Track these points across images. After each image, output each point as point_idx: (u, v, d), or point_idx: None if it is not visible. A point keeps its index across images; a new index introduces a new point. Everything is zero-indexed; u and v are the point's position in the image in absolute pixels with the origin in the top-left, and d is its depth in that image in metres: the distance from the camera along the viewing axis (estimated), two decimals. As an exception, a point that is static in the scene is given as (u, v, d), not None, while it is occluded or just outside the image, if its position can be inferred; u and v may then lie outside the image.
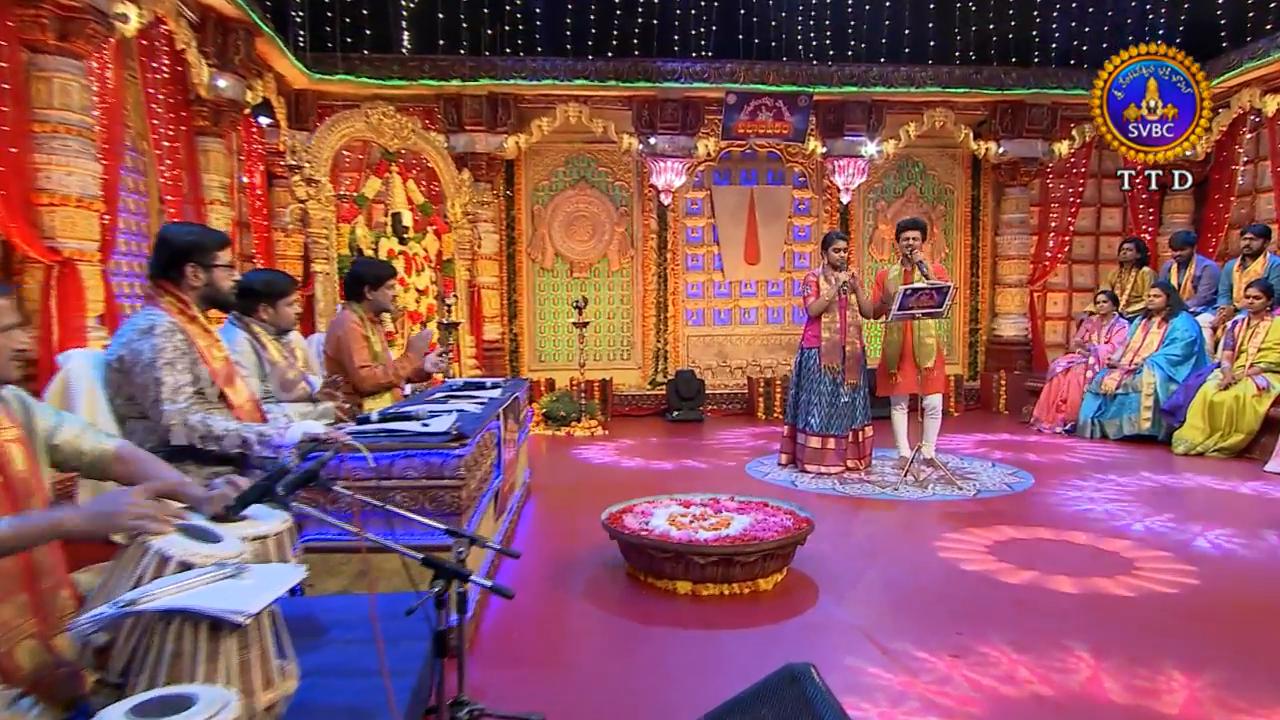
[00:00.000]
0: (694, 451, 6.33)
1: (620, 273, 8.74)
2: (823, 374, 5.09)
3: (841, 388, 5.08)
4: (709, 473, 5.48)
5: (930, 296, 4.74)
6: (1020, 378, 8.40)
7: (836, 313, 5.09)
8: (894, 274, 5.12)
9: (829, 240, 5.12)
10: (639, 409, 8.35)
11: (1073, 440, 6.70)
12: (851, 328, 5.13)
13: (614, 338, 8.78)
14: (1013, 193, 8.72)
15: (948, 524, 4.24)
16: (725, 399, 8.55)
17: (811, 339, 5.17)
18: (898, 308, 4.71)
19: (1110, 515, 4.44)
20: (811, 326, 5.17)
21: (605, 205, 8.61)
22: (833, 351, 5.09)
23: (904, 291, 4.71)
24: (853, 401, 5.13)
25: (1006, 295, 8.88)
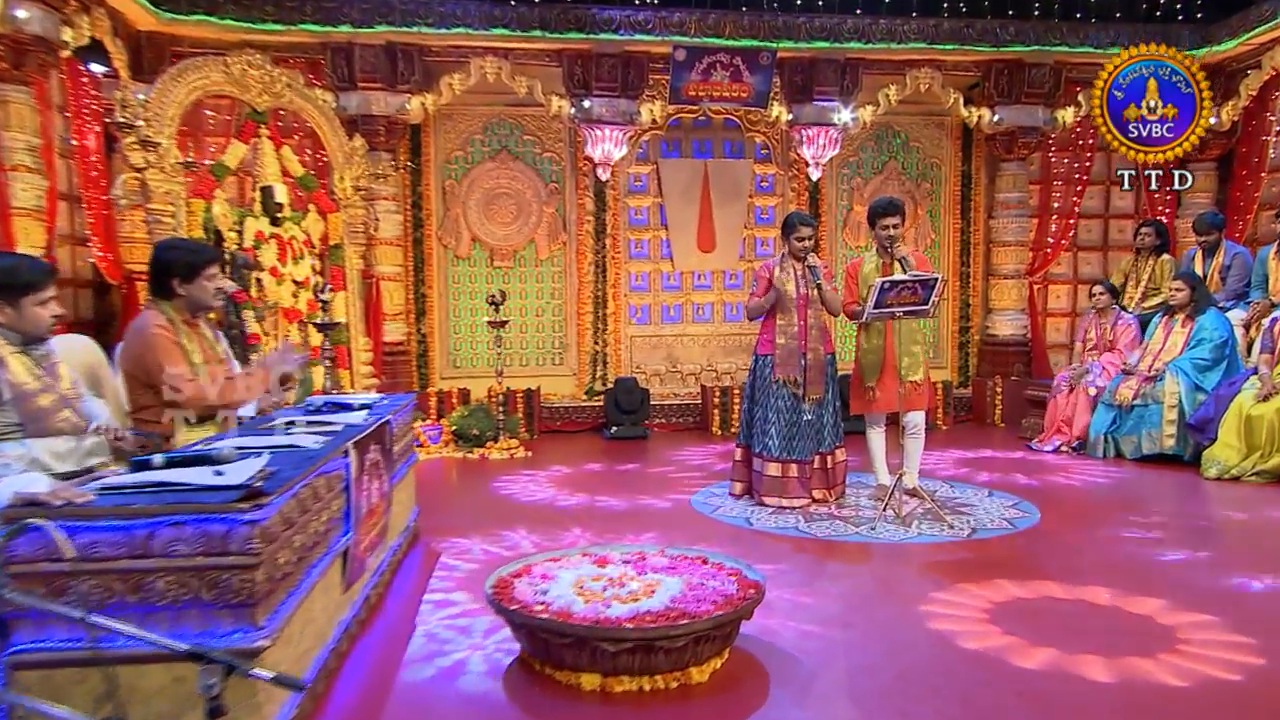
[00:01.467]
0: (631, 478, 6.08)
1: (550, 262, 8.38)
2: (780, 387, 4.81)
3: (803, 403, 4.80)
4: (645, 508, 5.19)
5: (913, 291, 4.44)
6: (1018, 385, 8.19)
7: (794, 312, 4.80)
8: (869, 267, 4.86)
9: (790, 224, 4.82)
10: (573, 423, 8.11)
11: (1082, 461, 6.51)
12: (814, 330, 4.84)
13: (543, 339, 8.43)
14: (1009, 168, 8.53)
15: (937, 577, 3.87)
16: (675, 411, 8.33)
17: (765, 344, 4.90)
18: (874, 305, 4.41)
19: (1136, 562, 4.11)
20: (765, 329, 4.89)
21: (532, 181, 8.26)
22: (789, 360, 4.81)
23: (880, 285, 4.39)
24: (818, 419, 4.86)
25: (1002, 288, 8.69)
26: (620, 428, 7.71)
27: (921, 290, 4.47)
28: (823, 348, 4.88)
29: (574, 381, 8.42)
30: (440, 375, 8.17)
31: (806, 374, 4.81)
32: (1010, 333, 8.66)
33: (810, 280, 4.79)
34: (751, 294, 4.92)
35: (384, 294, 7.50)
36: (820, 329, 4.89)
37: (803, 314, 4.84)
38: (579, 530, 4.61)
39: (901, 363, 4.78)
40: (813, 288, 4.78)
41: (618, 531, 4.60)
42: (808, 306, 4.83)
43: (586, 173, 8.22)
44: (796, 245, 4.82)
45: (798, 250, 4.84)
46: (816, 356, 4.85)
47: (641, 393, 7.89)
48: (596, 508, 5.16)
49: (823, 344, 4.89)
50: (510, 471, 6.33)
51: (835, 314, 4.92)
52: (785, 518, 4.76)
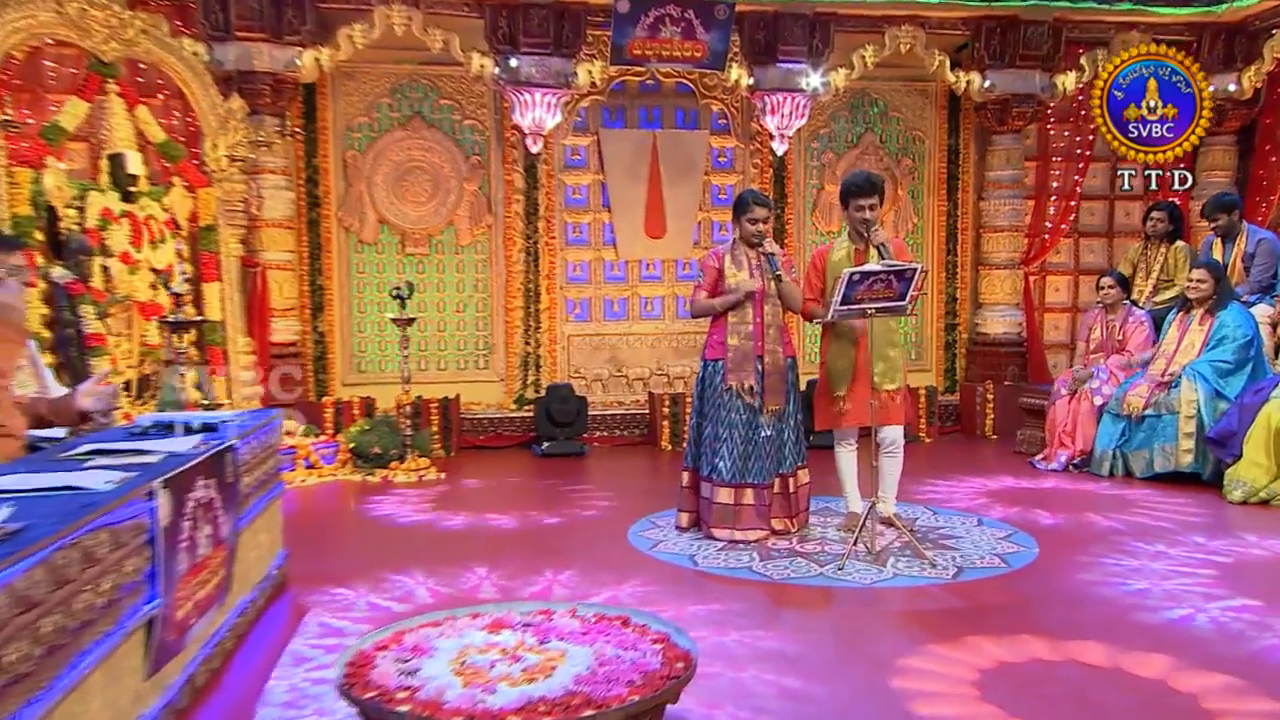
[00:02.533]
0: (560, 504, 5.88)
1: (473, 248, 8.14)
2: (732, 397, 4.64)
3: (760, 416, 4.64)
4: (571, 543, 4.96)
5: (888, 284, 4.23)
6: (1013, 391, 8.11)
7: (748, 308, 4.66)
8: (839, 254, 4.69)
9: (742, 203, 4.67)
10: (499, 437, 7.86)
11: (1086, 480, 6.38)
12: (772, 329, 4.70)
13: (464, 339, 8.18)
14: (1002, 142, 8.43)
15: (914, 634, 3.58)
16: (618, 423, 8.11)
17: (714, 347, 4.74)
18: (840, 301, 4.23)
19: (1152, 613, 3.83)
20: (715, 329, 4.74)
21: (450, 153, 8.02)
22: (742, 365, 4.65)
23: (848, 277, 4.18)
24: (778, 435, 4.71)
25: (994, 280, 8.59)
26: (552, 443, 7.51)
27: (898, 283, 4.26)
28: (782, 350, 4.74)
29: (501, 388, 8.20)
30: (342, 382, 7.86)
31: (764, 381, 4.66)
32: (1003, 331, 8.60)
33: (767, 270, 4.62)
34: (696, 287, 4.77)
35: (271, 286, 7.17)
36: (779, 328, 4.73)
37: (758, 310, 4.68)
38: (485, 571, 4.38)
39: (875, 369, 4.59)
40: (770, 279, 4.62)
41: (534, 571, 4.38)
42: (764, 301, 4.68)
43: (515, 144, 7.98)
44: (750, 229, 4.66)
45: (751, 234, 4.68)
46: (775, 361, 4.70)
47: (578, 402, 7.69)
48: (512, 542, 4.98)
49: (782, 346, 4.74)
50: (417, 497, 6.13)
51: (795, 310, 4.79)
52: (738, 554, 4.58)
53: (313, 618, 3.88)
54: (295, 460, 6.47)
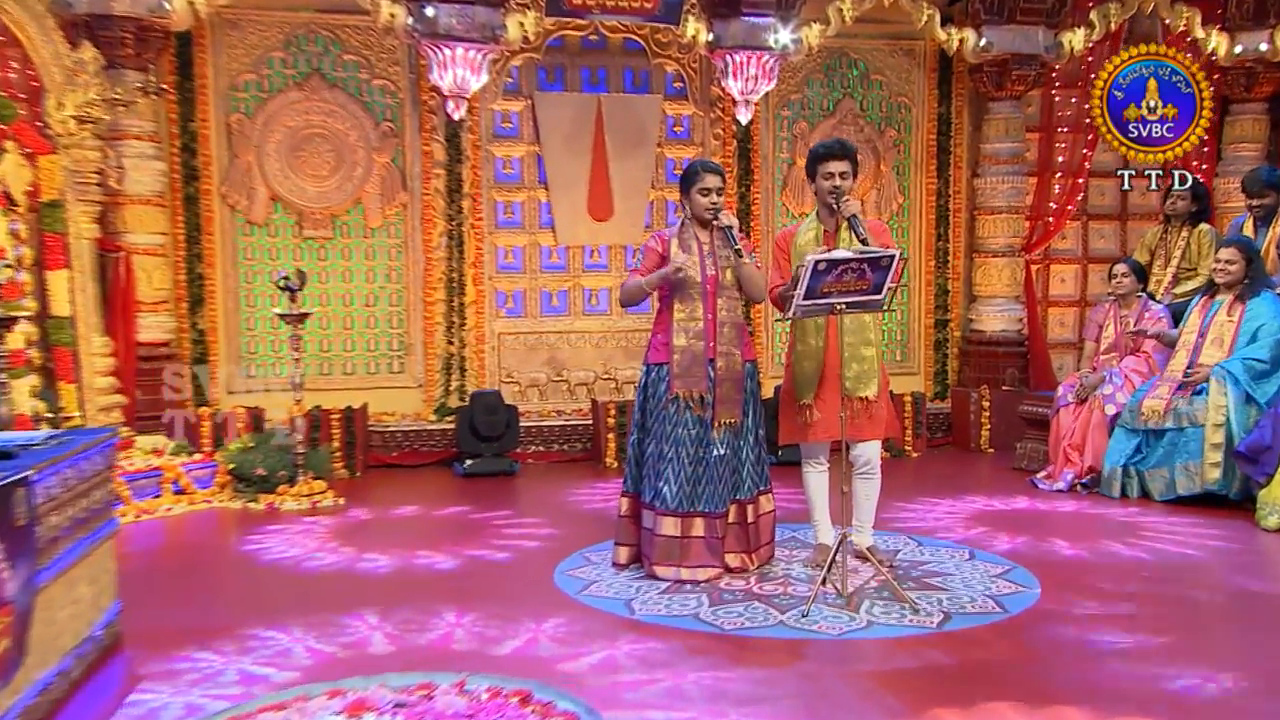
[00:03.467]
0: (479, 535, 5.68)
1: (385, 231, 7.98)
2: (679, 409, 4.52)
3: (712, 431, 4.52)
4: (483, 584, 4.75)
5: (861, 274, 4.09)
6: (1012, 398, 8.07)
7: (698, 300, 4.54)
8: (807, 237, 4.63)
9: (692, 173, 4.57)
10: (416, 454, 7.73)
11: (1096, 503, 6.30)
12: (727, 327, 4.59)
13: (375, 338, 8.02)
14: (1001, 110, 8.40)
15: (888, 703, 3.31)
16: (556, 435, 8.01)
17: (658, 349, 4.65)
18: (803, 294, 4.07)
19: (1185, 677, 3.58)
20: (659, 326, 4.65)
21: (357, 119, 7.84)
22: (691, 370, 4.53)
23: (812, 266, 4.02)
24: (734, 455, 4.61)
25: (991, 269, 8.57)
26: (476, 461, 7.34)
27: (872, 273, 4.11)
28: (739, 352, 4.61)
29: (419, 396, 8.05)
30: (227, 389, 7.62)
31: (716, 390, 4.52)
32: (1001, 328, 8.59)
33: (723, 250, 4.48)
34: (631, 272, 4.68)
35: (138, 274, 6.80)
36: (736, 325, 4.61)
37: (710, 303, 4.54)
38: (377, 620, 4.13)
39: (847, 372, 4.45)
40: (725, 264, 4.49)
41: (432, 617, 4.16)
42: (718, 293, 4.55)
43: (434, 109, 7.85)
44: (701, 202, 4.52)
45: (703, 209, 4.53)
46: (731, 365, 4.56)
47: (507, 412, 7.54)
48: (414, 583, 4.74)
49: (740, 347, 4.61)
50: (307, 528, 5.85)
51: (758, 299, 4.74)
52: (684, 598, 4.37)
53: (145, 689, 3.48)
54: (162, 484, 6.17)
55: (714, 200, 4.51)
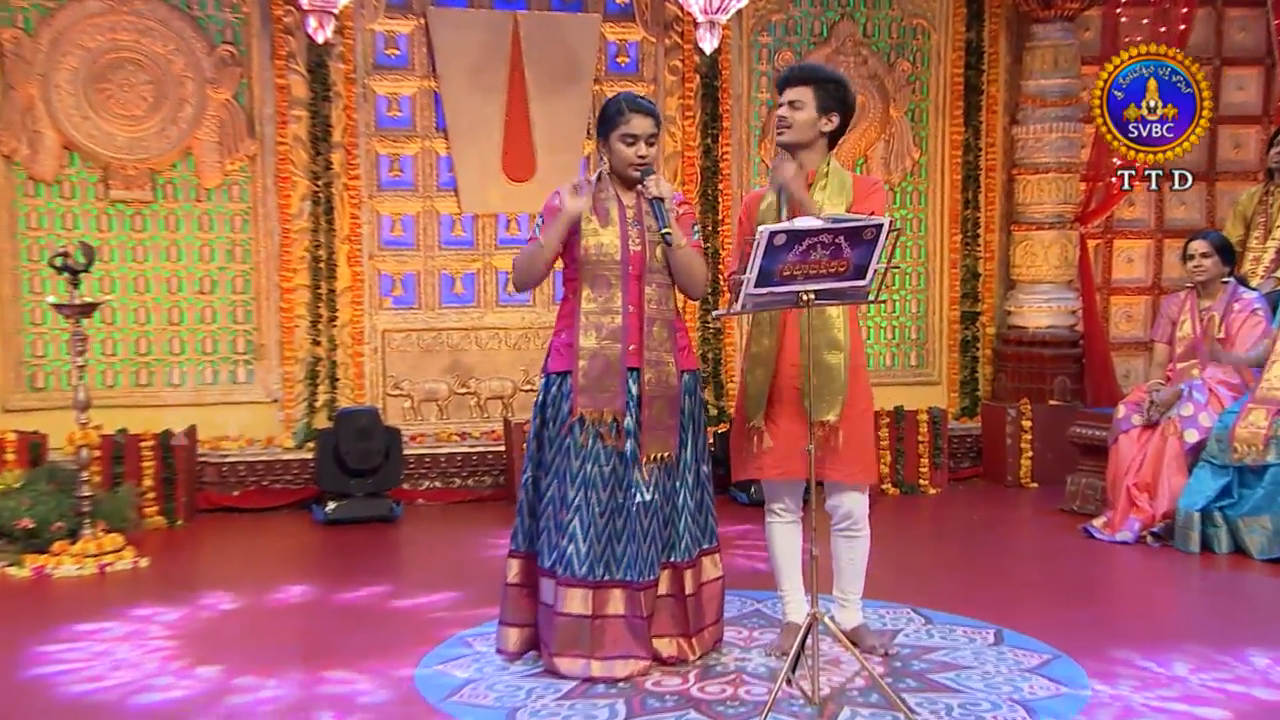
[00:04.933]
0: (330, 621, 5.38)
1: (225, 193, 7.65)
2: (588, 437, 4.38)
3: (635, 470, 4.37)
4: (316, 696, 4.36)
5: (836, 250, 3.94)
6: (1062, 416, 7.80)
7: (616, 285, 4.43)
8: (767, 200, 4.58)
9: (614, 112, 4.44)
10: (267, 493, 7.46)
11: (1172, 560, 6.14)
12: (656, 325, 4.42)
13: (214, 337, 7.71)
14: (1048, 35, 8.17)
15: None
16: (458, 466, 7.78)
17: (559, 352, 4.54)
18: (755, 279, 3.94)
19: None
20: (563, 320, 4.54)
21: (185, 39, 7.48)
22: (604, 382, 4.39)
23: (765, 238, 3.84)
24: (668, 500, 4.46)
25: (1035, 246, 8.37)
26: (342, 504, 7.01)
27: (851, 249, 3.93)
28: (673, 359, 4.43)
29: (275, 414, 7.72)
30: (3, 407, 7.30)
31: (641, 412, 4.32)
32: (1048, 324, 8.35)
33: (653, 220, 4.32)
34: (529, 240, 4.57)
35: None
36: (668, 323, 4.42)
37: (633, 291, 4.37)
38: None
39: (810, 386, 4.25)
40: (655, 239, 4.33)
41: None
42: (645, 277, 4.38)
43: (291, 29, 7.50)
44: (625, 154, 4.34)
45: (627, 164, 4.35)
46: (662, 377, 4.39)
47: (386, 436, 7.20)
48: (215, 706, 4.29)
49: (673, 351, 4.43)
50: (87, 609, 5.42)
51: (695, 294, 4.59)
52: (592, 707, 4.10)
53: None
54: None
55: (642, 153, 4.30)
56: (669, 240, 4.21)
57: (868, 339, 8.03)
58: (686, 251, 4.30)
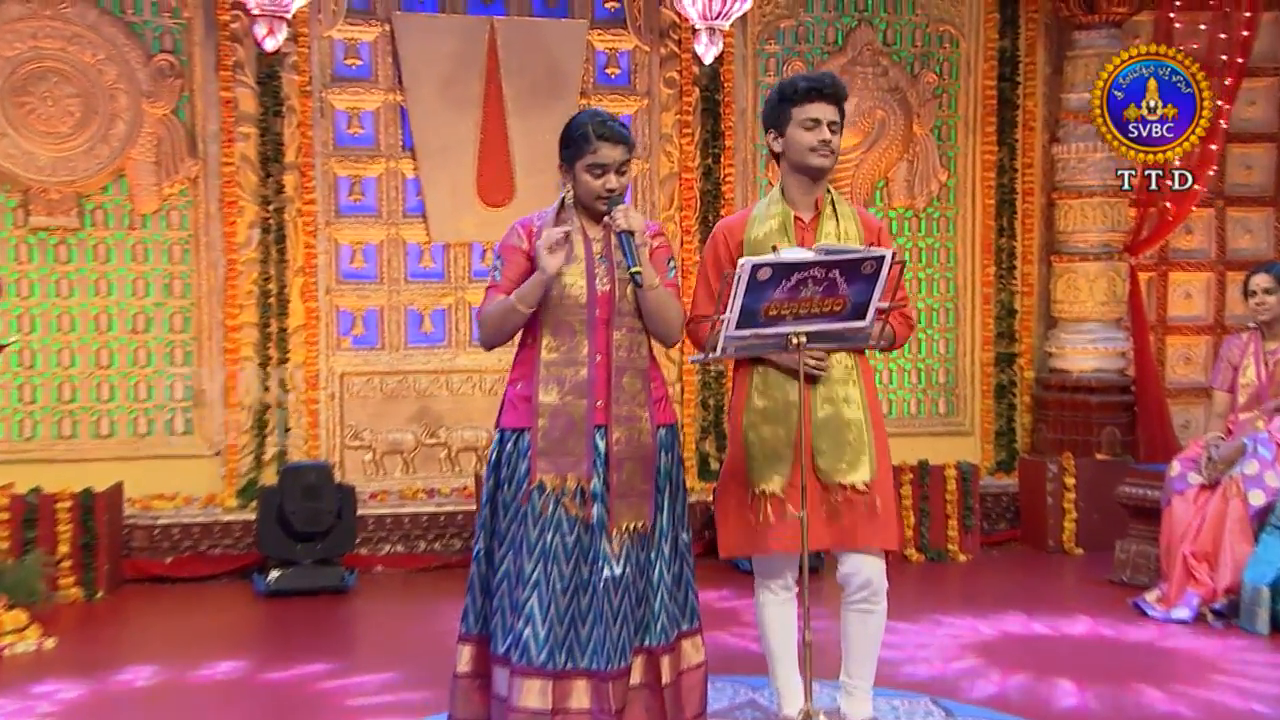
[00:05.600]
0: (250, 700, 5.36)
1: (163, 219, 7.55)
2: (549, 506, 4.28)
3: (603, 541, 4.29)
4: None
5: (830, 286, 3.95)
6: (1110, 473, 7.68)
7: (581, 333, 4.37)
8: (766, 226, 4.51)
9: (578, 138, 4.35)
10: (205, 559, 7.33)
11: (1231, 639, 6.05)
12: (628, 376, 4.36)
13: (149, 381, 7.58)
14: (1093, 41, 8.13)
15: None
16: (425, 528, 7.65)
17: (515, 405, 4.42)
18: (736, 319, 3.94)
19: None
20: (520, 369, 4.44)
21: (118, 47, 7.38)
22: (567, 443, 4.34)
23: (748, 271, 3.85)
24: (641, 575, 4.37)
25: (1079, 279, 8.25)
26: (286, 572, 6.88)
27: (848, 284, 3.90)
28: (647, 414, 4.32)
29: (218, 469, 7.61)
30: None
31: (610, 476, 4.23)
32: (1094, 368, 8.25)
33: (619, 259, 4.23)
34: (490, 288, 4.40)
35: None
36: (641, 373, 4.32)
37: (601, 338, 4.29)
38: None
39: (820, 444, 4.29)
40: (624, 279, 4.24)
41: None
42: (614, 321, 4.28)
43: (239, 36, 7.42)
44: (592, 185, 4.23)
45: (594, 196, 4.25)
46: (634, 436, 4.29)
47: (338, 495, 7.05)
48: None
49: (647, 405, 4.32)
50: None
51: (668, 339, 4.45)
52: None
53: None
54: None
55: (611, 185, 4.20)
56: (638, 280, 4.07)
57: (889, 383, 8.13)
58: (660, 292, 4.16)
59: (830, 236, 4.28)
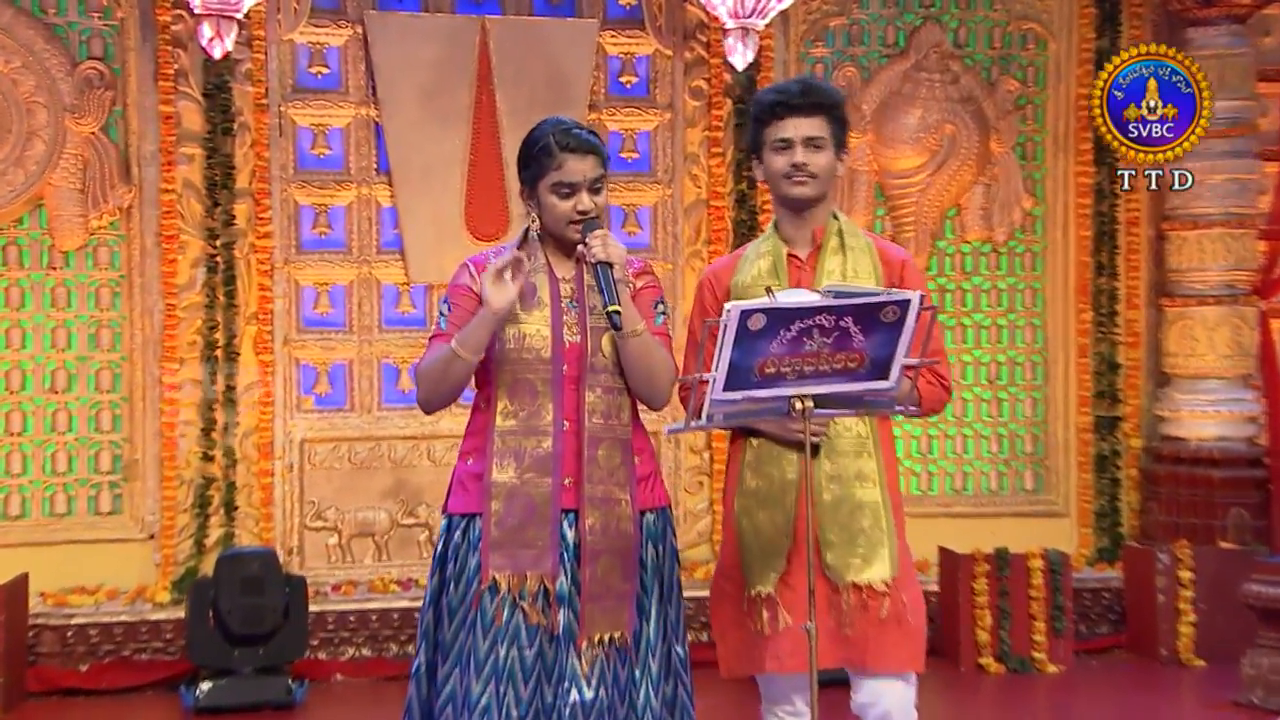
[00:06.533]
0: None
1: (88, 257, 7.49)
2: (502, 610, 4.14)
3: (569, 657, 4.15)
4: None
5: (842, 337, 3.73)
6: (1235, 564, 7.42)
7: (546, 394, 4.25)
8: (756, 267, 4.47)
9: (540, 151, 4.21)
10: (130, 667, 7.14)
11: None
12: (604, 447, 4.22)
13: (68, 450, 7.46)
14: (1210, 42, 7.94)
15: None
16: (393, 628, 7.55)
17: (464, 485, 4.23)
18: (724, 378, 3.74)
19: None
20: (472, 439, 4.28)
21: (35, 54, 7.29)
22: (527, 532, 4.20)
23: (736, 318, 3.64)
24: (622, 699, 4.21)
25: (1194, 327, 8.06)
26: (220, 684, 6.67)
27: (863, 335, 3.68)
28: (628, 495, 4.14)
29: (150, 555, 7.42)
30: None
31: (582, 571, 4.09)
32: (1217, 435, 7.98)
33: (595, 302, 4.13)
34: (434, 337, 4.19)
35: None
36: (620, 443, 4.15)
37: (570, 399, 4.12)
38: None
39: (826, 534, 4.10)
40: (601, 327, 4.12)
41: None
42: (586, 379, 4.11)
43: (181, 39, 7.37)
44: (559, 208, 4.06)
45: (563, 223, 4.07)
46: (610, 522, 4.11)
47: (285, 588, 6.90)
48: None
49: (629, 483, 4.15)
50: None
51: (656, 400, 4.23)
52: None
53: None
54: None
55: (584, 206, 3.97)
56: (615, 320, 3.77)
57: (963, 452, 7.99)
58: (643, 340, 3.87)
59: (834, 275, 4.05)
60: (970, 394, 8.14)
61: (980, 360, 8.29)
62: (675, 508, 5.79)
